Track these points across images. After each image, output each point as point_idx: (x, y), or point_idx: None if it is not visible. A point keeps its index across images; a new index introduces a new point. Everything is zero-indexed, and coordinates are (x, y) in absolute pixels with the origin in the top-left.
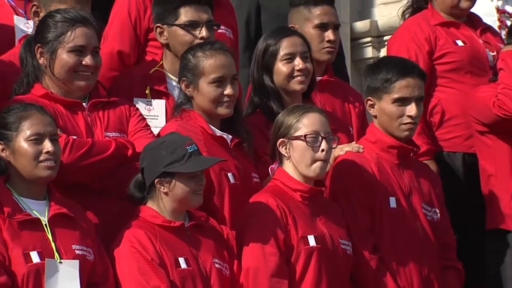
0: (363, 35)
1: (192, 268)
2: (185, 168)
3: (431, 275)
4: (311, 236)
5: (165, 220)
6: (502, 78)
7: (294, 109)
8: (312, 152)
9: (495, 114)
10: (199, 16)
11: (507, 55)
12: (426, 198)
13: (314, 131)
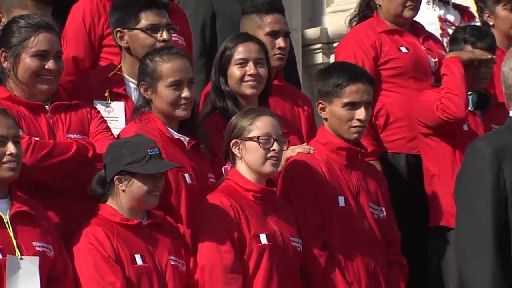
0: (314, 41)
1: (148, 265)
2: (143, 169)
3: (377, 270)
4: (263, 235)
5: (123, 218)
6: (446, 83)
7: (248, 112)
8: (264, 152)
9: (438, 117)
10: (159, 20)
11: (451, 61)
12: (373, 197)
13: (266, 133)
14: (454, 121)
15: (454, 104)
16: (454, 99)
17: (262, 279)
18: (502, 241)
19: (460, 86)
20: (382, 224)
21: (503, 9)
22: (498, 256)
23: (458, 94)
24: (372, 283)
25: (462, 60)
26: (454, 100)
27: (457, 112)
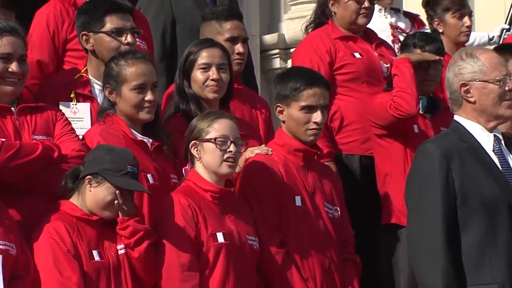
0: (272, 47)
1: (105, 260)
2: (115, 180)
3: (332, 267)
4: (220, 233)
5: (84, 213)
6: (397, 83)
7: (207, 114)
8: (220, 153)
9: (391, 115)
10: (124, 24)
11: (401, 62)
12: (328, 197)
13: (223, 135)
14: (406, 117)
15: (406, 101)
16: (406, 97)
17: (219, 276)
18: (452, 239)
19: (410, 85)
20: (337, 223)
21: (452, 17)
22: (449, 253)
23: (409, 92)
24: (326, 280)
25: (411, 61)
26: (406, 98)
27: (409, 109)
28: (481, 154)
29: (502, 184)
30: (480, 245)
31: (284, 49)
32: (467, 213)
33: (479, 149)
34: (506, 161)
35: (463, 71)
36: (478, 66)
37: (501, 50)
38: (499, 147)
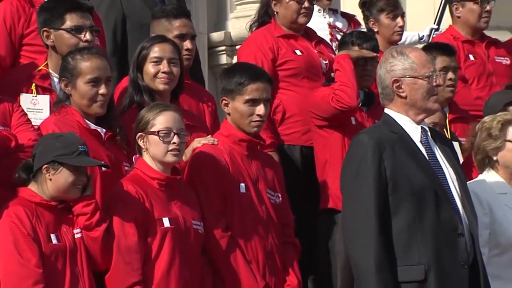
0: (219, 44)
1: (62, 243)
2: (72, 161)
3: (274, 250)
4: (166, 218)
5: (43, 199)
6: (338, 77)
7: (153, 107)
8: (164, 145)
9: (334, 107)
10: (83, 22)
11: (342, 58)
12: (270, 185)
13: (166, 128)
14: (348, 110)
15: (347, 94)
16: (347, 91)
17: (166, 259)
18: (384, 223)
19: (351, 79)
20: (278, 209)
21: (386, 18)
22: (381, 236)
23: (350, 86)
24: (268, 262)
25: (351, 57)
26: (347, 91)
27: (350, 102)
28: (410, 145)
29: (429, 173)
30: (409, 229)
31: (230, 46)
32: (398, 200)
33: (408, 140)
34: (432, 151)
35: (395, 68)
36: (409, 63)
37: (430, 48)
38: (426, 139)
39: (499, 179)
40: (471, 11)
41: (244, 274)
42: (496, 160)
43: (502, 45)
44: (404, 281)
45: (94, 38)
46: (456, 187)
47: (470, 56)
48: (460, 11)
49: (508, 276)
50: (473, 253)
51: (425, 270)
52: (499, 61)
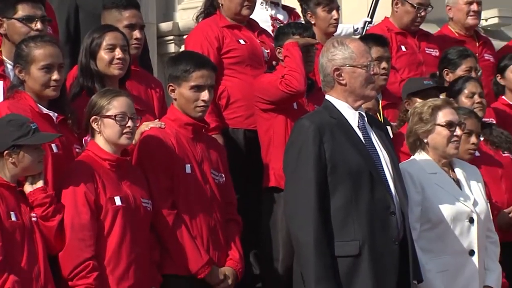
0: (167, 34)
1: (20, 221)
2: (32, 141)
3: (217, 226)
4: (117, 197)
5: (3, 180)
6: (287, 63)
7: (106, 92)
8: (120, 128)
9: (282, 91)
10: (35, 12)
11: (290, 45)
12: (214, 165)
13: (122, 112)
14: (296, 94)
15: (296, 79)
16: (296, 76)
17: (117, 235)
18: (323, 201)
19: (300, 65)
20: (222, 188)
21: (322, 11)
22: (320, 214)
23: (298, 72)
24: (212, 237)
25: (299, 44)
26: (296, 76)
27: (298, 86)
28: (348, 129)
29: (364, 156)
30: (346, 207)
31: (178, 35)
32: (336, 180)
33: (346, 125)
34: (368, 135)
35: (336, 57)
36: (348, 53)
37: (365, 39)
38: (363, 124)
39: (429, 160)
40: (407, 12)
41: (189, 249)
42: (426, 142)
43: (432, 38)
44: (340, 255)
45: (46, 28)
46: (389, 169)
47: (402, 47)
48: (398, 8)
49: (437, 249)
50: (403, 230)
51: (360, 245)
52: (429, 53)
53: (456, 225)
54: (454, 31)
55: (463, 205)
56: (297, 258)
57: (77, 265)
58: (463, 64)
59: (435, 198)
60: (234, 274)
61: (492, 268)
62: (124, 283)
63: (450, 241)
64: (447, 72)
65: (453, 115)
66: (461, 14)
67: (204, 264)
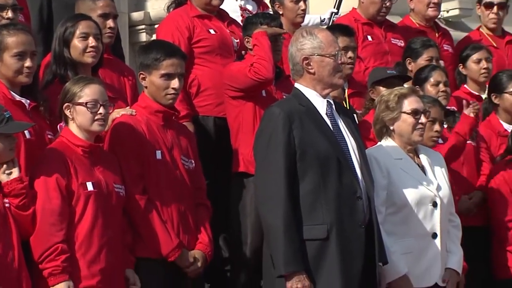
0: (139, 23)
1: None
2: (6, 129)
3: (187, 211)
4: (89, 183)
5: None
6: (256, 52)
7: (79, 79)
8: (91, 115)
9: (251, 79)
10: (5, 1)
11: (259, 35)
12: (184, 152)
13: (93, 99)
14: (264, 81)
15: (264, 67)
16: (264, 64)
17: (89, 220)
18: (292, 186)
19: (268, 53)
20: (191, 174)
21: (290, 2)
22: (289, 198)
23: (267, 60)
24: (182, 222)
25: (268, 34)
26: (264, 64)
27: (267, 74)
28: (316, 117)
29: (332, 142)
30: (314, 192)
31: (150, 25)
32: (305, 166)
33: (315, 112)
34: (336, 123)
35: (305, 47)
36: (317, 42)
37: (332, 29)
38: (331, 111)
39: (395, 146)
40: (373, 3)
41: (160, 233)
42: (392, 129)
43: (398, 28)
44: (308, 239)
45: (17, 16)
46: (356, 155)
47: (369, 37)
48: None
49: (401, 232)
50: (369, 214)
51: (328, 229)
52: (394, 43)
53: (420, 209)
54: (415, 22)
55: (426, 189)
56: (267, 242)
57: (47, 249)
58: (424, 53)
59: (400, 183)
60: (204, 257)
61: (454, 250)
62: (95, 266)
63: (414, 224)
64: (410, 61)
65: (418, 103)
66: (422, 5)
67: (175, 247)
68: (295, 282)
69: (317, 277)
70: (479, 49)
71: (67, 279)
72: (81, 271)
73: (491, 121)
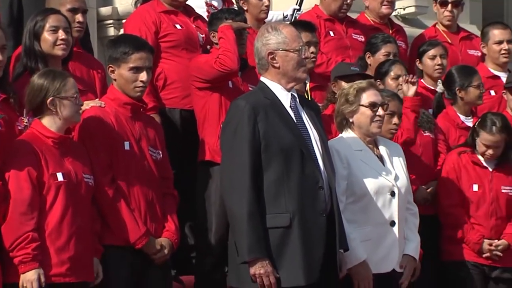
0: (107, 18)
1: None
2: None
3: (154, 200)
4: (60, 173)
5: None
6: (222, 44)
7: (56, 75)
8: (76, 107)
9: (217, 70)
10: None
11: (225, 28)
12: (151, 143)
13: (76, 92)
14: (229, 72)
15: (230, 59)
16: (229, 55)
17: (59, 209)
18: (256, 176)
19: (233, 45)
20: (159, 164)
21: None
22: (253, 188)
23: (232, 52)
24: (150, 210)
25: (233, 27)
26: (229, 56)
27: (232, 65)
28: (281, 109)
29: (296, 134)
30: (278, 182)
31: (117, 20)
32: (269, 157)
33: (279, 105)
34: (300, 115)
35: (270, 42)
36: (282, 38)
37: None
38: (295, 104)
39: (355, 138)
40: (335, 0)
41: (127, 221)
42: (352, 121)
43: (358, 24)
44: (272, 227)
45: None
46: (319, 146)
47: (331, 32)
48: None
49: (360, 220)
50: (330, 203)
51: (290, 217)
52: (355, 38)
53: (379, 198)
54: (370, 19)
55: (385, 179)
56: (232, 230)
57: (18, 237)
58: (382, 48)
59: (360, 173)
60: (170, 244)
61: (411, 238)
62: (64, 254)
63: (373, 213)
64: (369, 55)
65: (376, 96)
66: (376, 3)
67: (142, 235)
68: (258, 268)
69: (279, 263)
70: (435, 46)
71: (37, 267)
72: (51, 259)
73: (449, 113)
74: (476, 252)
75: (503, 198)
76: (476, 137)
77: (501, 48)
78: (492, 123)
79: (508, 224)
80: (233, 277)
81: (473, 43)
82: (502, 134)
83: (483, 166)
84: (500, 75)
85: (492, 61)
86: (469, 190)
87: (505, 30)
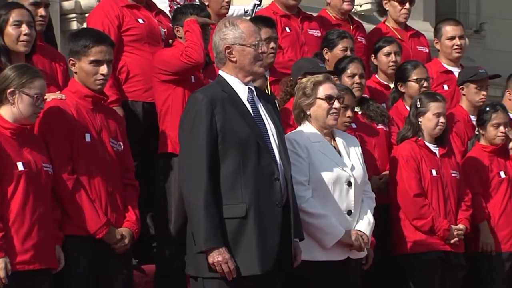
0: (70, 12)
1: None
2: None
3: (115, 190)
4: (20, 163)
5: None
6: (188, 37)
7: (28, 70)
8: (34, 108)
9: (183, 62)
10: None
11: (191, 22)
12: (113, 134)
13: (40, 93)
14: (195, 65)
15: (196, 51)
16: (196, 48)
17: (20, 198)
18: (213, 167)
19: (199, 39)
20: (120, 155)
21: None
22: (210, 178)
23: (198, 45)
24: (110, 201)
25: (198, 22)
26: (196, 49)
27: (198, 58)
28: (238, 103)
29: (253, 127)
30: (234, 173)
31: (80, 13)
32: (226, 149)
33: (237, 99)
34: (257, 108)
35: (227, 37)
36: (239, 33)
37: (255, 20)
38: (252, 97)
39: (313, 130)
40: None
41: (87, 211)
42: (309, 114)
43: (314, 19)
44: (228, 217)
45: None
46: (275, 139)
47: (287, 28)
48: None
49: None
50: (286, 195)
51: (246, 208)
52: (311, 33)
53: (336, 188)
54: (331, 15)
55: (342, 170)
56: (189, 219)
57: None
58: (339, 44)
59: (318, 164)
60: (131, 234)
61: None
62: (28, 242)
63: (331, 202)
64: (326, 51)
65: (332, 89)
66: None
67: (102, 225)
68: (216, 256)
69: (236, 251)
70: (390, 43)
71: (3, 256)
72: (15, 247)
73: (398, 107)
74: (444, 239)
75: (454, 182)
76: (420, 117)
77: (453, 44)
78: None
79: (460, 210)
80: (191, 266)
81: (421, 40)
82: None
83: (433, 152)
84: (453, 70)
85: (445, 56)
86: (429, 176)
87: (457, 26)
